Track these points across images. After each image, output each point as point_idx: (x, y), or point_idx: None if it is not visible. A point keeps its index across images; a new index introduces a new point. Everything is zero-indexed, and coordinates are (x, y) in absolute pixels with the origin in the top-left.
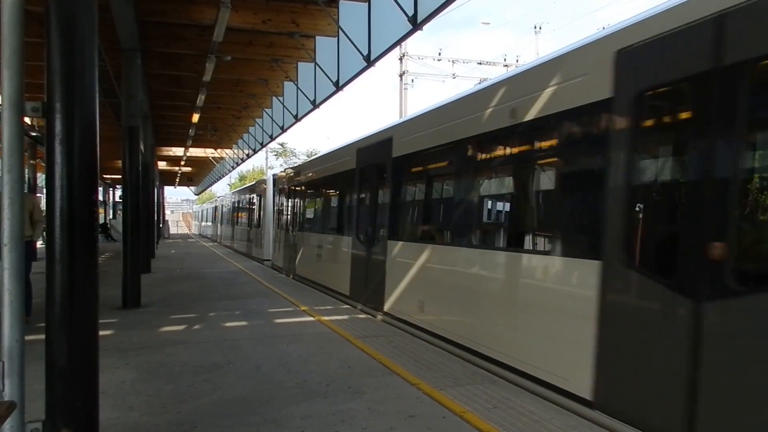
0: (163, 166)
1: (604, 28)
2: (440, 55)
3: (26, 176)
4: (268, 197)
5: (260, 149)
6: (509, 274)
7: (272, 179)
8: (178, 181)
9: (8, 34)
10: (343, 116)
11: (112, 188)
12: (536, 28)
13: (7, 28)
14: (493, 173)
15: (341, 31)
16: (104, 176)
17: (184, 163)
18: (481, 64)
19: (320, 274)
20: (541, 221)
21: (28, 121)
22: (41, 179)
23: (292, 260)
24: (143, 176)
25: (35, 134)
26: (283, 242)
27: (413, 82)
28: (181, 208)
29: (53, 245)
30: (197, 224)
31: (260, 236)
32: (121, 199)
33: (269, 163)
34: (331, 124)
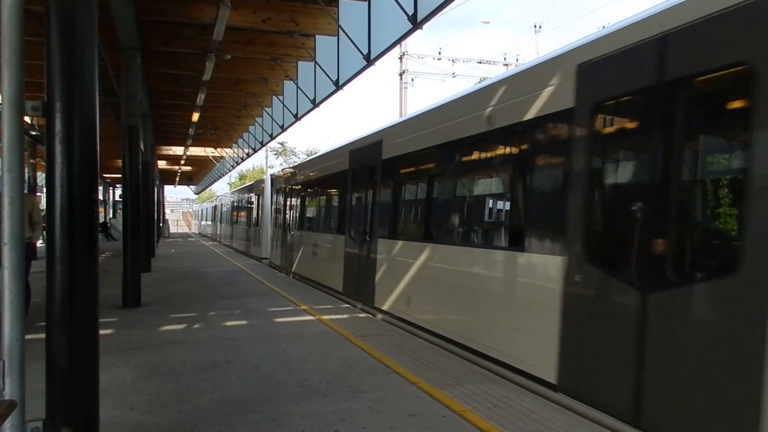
0: (163, 165)
1: (603, 27)
2: (440, 54)
3: (26, 175)
4: (266, 197)
5: (260, 148)
6: (484, 269)
7: (270, 179)
8: (178, 180)
9: (8, 33)
10: (343, 115)
11: (112, 187)
12: (536, 27)
13: (7, 27)
14: (471, 175)
15: (341, 30)
16: (104, 175)
17: (184, 162)
18: (481, 63)
19: (315, 271)
20: (512, 220)
21: (28, 120)
22: (41, 178)
23: (289, 258)
24: (143, 175)
25: (35, 133)
26: (280, 241)
27: (413, 81)
28: (181, 207)
29: (53, 244)
30: (197, 223)
31: (258, 235)
32: (121, 198)
33: (269, 162)
34: (331, 123)
